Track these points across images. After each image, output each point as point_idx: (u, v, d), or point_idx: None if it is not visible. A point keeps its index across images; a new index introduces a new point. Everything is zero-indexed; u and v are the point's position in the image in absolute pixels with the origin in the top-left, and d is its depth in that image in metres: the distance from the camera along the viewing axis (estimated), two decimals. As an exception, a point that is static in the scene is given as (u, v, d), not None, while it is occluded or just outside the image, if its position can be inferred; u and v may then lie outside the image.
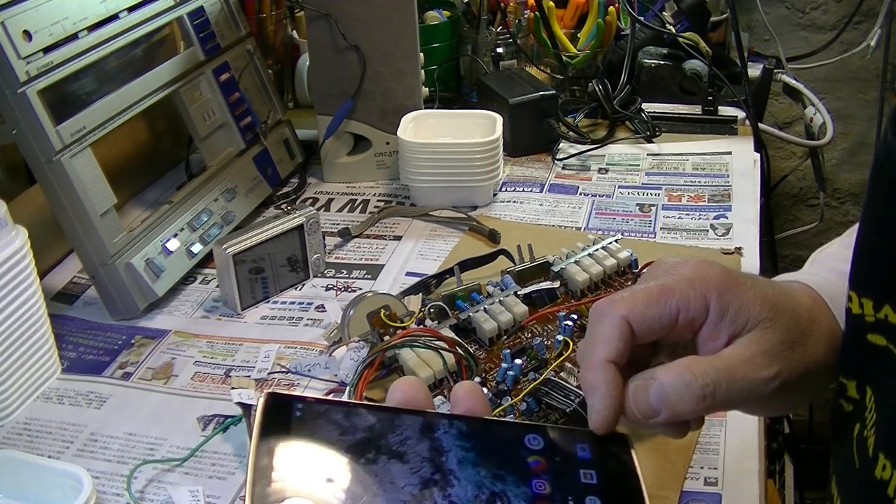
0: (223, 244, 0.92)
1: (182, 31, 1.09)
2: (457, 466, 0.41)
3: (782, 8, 1.99)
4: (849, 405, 0.47)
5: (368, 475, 0.40)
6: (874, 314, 0.43)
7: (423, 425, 0.42)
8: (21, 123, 0.86)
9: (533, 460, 0.42)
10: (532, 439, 0.43)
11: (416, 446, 0.41)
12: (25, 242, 0.80)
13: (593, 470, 0.42)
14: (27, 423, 0.81)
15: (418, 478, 0.40)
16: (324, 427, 0.41)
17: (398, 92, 1.17)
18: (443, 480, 0.40)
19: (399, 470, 0.40)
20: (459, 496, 0.39)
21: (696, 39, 1.36)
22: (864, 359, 0.45)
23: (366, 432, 0.41)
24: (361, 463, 0.40)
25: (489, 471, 0.41)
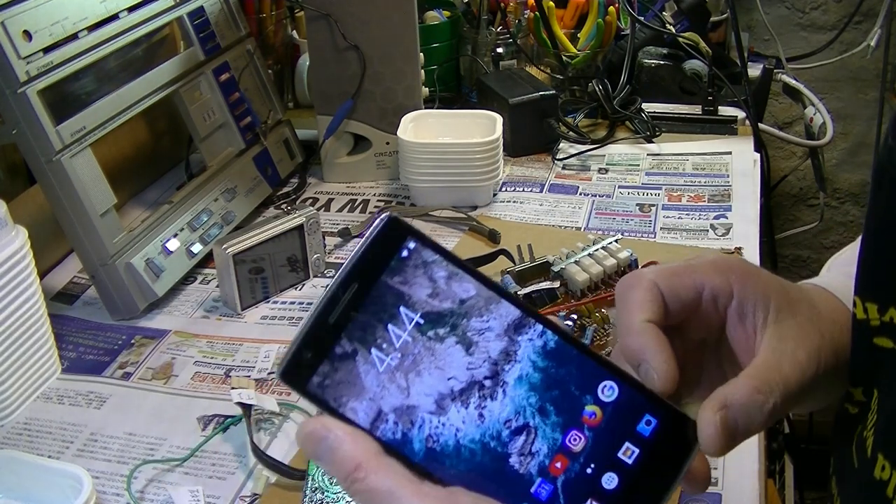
0: (223, 244, 0.92)
1: (182, 31, 1.09)
2: (513, 381, 0.39)
3: (782, 8, 1.99)
4: (854, 408, 0.47)
5: (426, 351, 0.39)
6: (879, 318, 0.43)
7: (514, 322, 0.40)
8: (21, 123, 0.86)
9: (590, 410, 0.39)
10: (608, 387, 0.40)
11: (490, 341, 0.39)
12: (25, 242, 0.80)
13: (639, 449, 0.39)
14: (27, 423, 0.81)
15: (469, 375, 0.39)
16: (419, 281, 0.39)
17: (398, 92, 1.17)
18: (489, 389, 0.39)
19: (457, 359, 0.39)
20: (493, 412, 0.38)
21: (696, 39, 1.36)
22: (871, 362, 0.44)
23: (454, 304, 0.40)
24: (429, 335, 0.39)
25: (540, 400, 0.39)
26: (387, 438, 0.38)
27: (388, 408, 0.38)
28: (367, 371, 0.38)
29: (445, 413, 0.38)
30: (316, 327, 0.39)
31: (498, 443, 0.38)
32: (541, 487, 0.38)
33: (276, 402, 0.79)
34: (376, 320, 0.39)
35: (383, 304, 0.39)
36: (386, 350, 0.39)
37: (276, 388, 0.84)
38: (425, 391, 0.38)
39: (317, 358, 0.38)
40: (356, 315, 0.39)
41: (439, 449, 0.38)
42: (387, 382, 0.38)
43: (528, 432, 0.38)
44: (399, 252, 0.40)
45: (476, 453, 0.38)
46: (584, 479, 0.38)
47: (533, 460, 0.38)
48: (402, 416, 0.38)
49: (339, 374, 0.38)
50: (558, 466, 0.38)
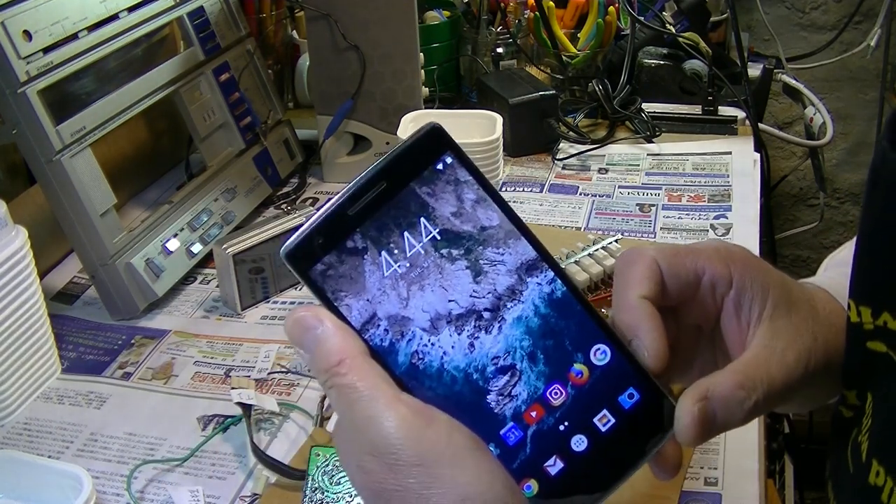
0: (223, 244, 0.92)
1: (182, 31, 1.09)
2: (511, 319, 0.39)
3: (782, 8, 1.99)
4: (849, 412, 0.47)
5: (434, 267, 0.38)
6: (873, 321, 0.43)
7: (528, 262, 0.39)
8: (21, 123, 0.86)
9: (578, 369, 0.39)
10: (601, 351, 0.40)
11: (500, 275, 0.39)
12: (25, 242, 0.80)
13: (615, 419, 0.39)
14: (27, 423, 0.81)
15: (470, 302, 0.38)
16: (447, 197, 0.39)
17: (398, 92, 1.17)
18: (486, 322, 0.38)
19: (463, 284, 0.38)
20: (483, 345, 0.38)
21: (696, 39, 1.36)
22: (864, 366, 0.44)
23: (475, 229, 0.39)
24: (441, 252, 0.39)
25: (533, 345, 0.39)
26: (374, 343, 0.38)
27: (382, 313, 0.38)
28: (371, 272, 0.38)
29: (438, 334, 0.38)
30: (333, 216, 0.38)
31: (481, 376, 0.38)
32: (510, 431, 0.38)
33: (276, 402, 0.79)
34: (394, 224, 0.38)
35: (405, 210, 0.39)
36: (396, 256, 0.38)
37: (276, 389, 0.84)
38: (423, 307, 0.38)
39: (326, 246, 0.38)
40: (376, 214, 0.38)
41: (422, 367, 0.38)
42: (388, 288, 0.38)
43: (512, 374, 0.38)
44: (434, 163, 0.39)
45: (457, 381, 0.38)
46: (555, 435, 0.38)
47: (510, 403, 0.38)
48: (394, 325, 0.38)
49: (343, 268, 0.38)
50: (533, 415, 0.38)
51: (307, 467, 0.69)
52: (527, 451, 0.38)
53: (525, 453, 0.37)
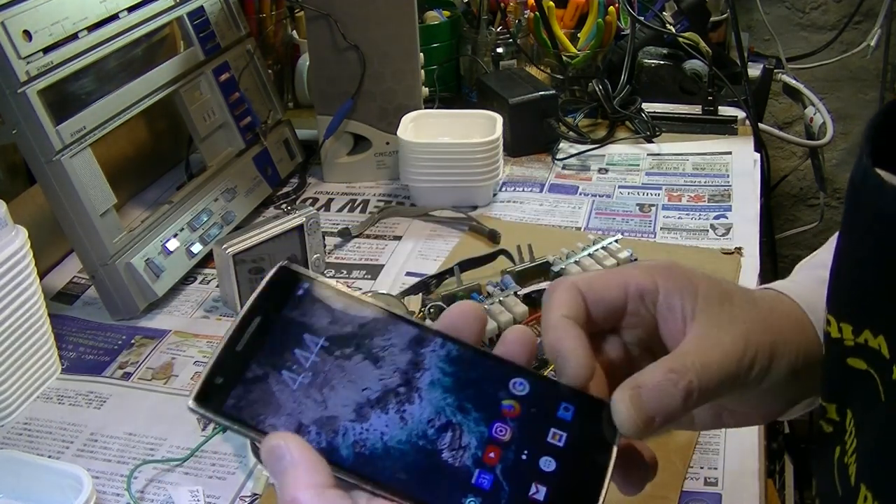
0: (223, 244, 0.92)
1: (182, 31, 1.09)
2: (426, 386, 0.40)
3: (782, 8, 1.99)
4: (829, 426, 0.46)
5: (336, 368, 0.40)
6: (854, 338, 0.42)
7: (414, 338, 0.41)
8: (21, 123, 0.86)
9: (508, 404, 0.40)
10: (518, 384, 0.41)
11: (396, 355, 0.41)
12: (25, 242, 0.80)
13: (566, 433, 0.40)
14: (27, 423, 0.81)
15: (382, 385, 0.39)
16: (318, 312, 0.41)
17: (398, 92, 1.17)
18: (405, 395, 0.39)
19: (367, 372, 0.40)
20: (413, 414, 0.39)
21: (696, 39, 1.36)
22: (844, 382, 0.44)
23: (354, 328, 0.41)
24: (335, 355, 0.40)
25: (457, 399, 0.40)
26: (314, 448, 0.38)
27: (308, 420, 0.39)
28: (281, 390, 0.39)
29: (367, 420, 0.39)
30: (225, 356, 0.40)
31: (426, 441, 0.39)
32: (481, 477, 0.38)
33: (276, 402, 0.79)
34: (283, 347, 0.40)
35: (287, 333, 0.41)
36: (296, 370, 0.40)
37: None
38: (342, 402, 0.39)
39: (227, 384, 0.39)
40: (262, 343, 0.40)
41: (368, 453, 0.38)
42: (302, 398, 0.39)
43: (452, 429, 0.39)
44: (295, 292, 0.42)
45: (407, 452, 0.38)
46: (522, 465, 0.39)
47: (466, 453, 0.39)
48: (323, 427, 0.38)
49: (252, 395, 0.39)
50: (492, 456, 0.39)
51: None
52: (505, 488, 0.38)
53: (505, 491, 0.38)
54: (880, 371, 0.41)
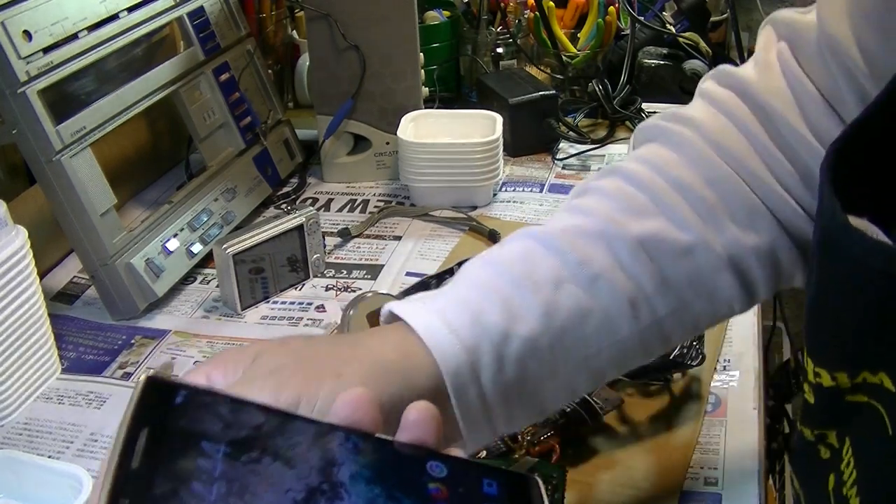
0: (223, 244, 0.92)
1: (182, 31, 1.09)
2: (348, 480, 0.36)
3: (782, 8, 1.99)
4: (826, 451, 0.46)
5: (249, 473, 0.35)
6: (851, 381, 0.42)
7: (316, 433, 0.38)
8: (21, 123, 0.86)
9: (434, 487, 0.38)
10: (434, 466, 0.38)
11: (306, 453, 0.37)
12: (25, 242, 0.80)
13: None
14: (27, 423, 0.81)
15: (304, 484, 0.36)
16: (206, 418, 0.36)
17: (398, 92, 1.17)
18: (331, 492, 0.36)
19: (285, 474, 0.36)
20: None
21: (696, 39, 1.36)
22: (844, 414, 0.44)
23: (252, 431, 0.37)
24: (242, 461, 0.35)
25: (384, 489, 0.37)
26: None
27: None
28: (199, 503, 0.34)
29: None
30: (121, 476, 0.33)
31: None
32: None
33: (276, 402, 0.79)
34: (183, 457, 0.35)
35: (183, 442, 0.35)
36: (207, 481, 0.34)
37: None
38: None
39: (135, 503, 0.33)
40: (159, 455, 0.34)
41: None
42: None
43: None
44: (173, 401, 0.37)
45: None
46: None
47: None
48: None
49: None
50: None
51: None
52: None
53: None
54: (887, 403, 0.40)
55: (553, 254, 0.53)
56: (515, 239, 0.56)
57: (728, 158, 0.56)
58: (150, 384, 0.36)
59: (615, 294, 0.52)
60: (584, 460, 0.72)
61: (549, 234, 0.55)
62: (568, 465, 0.68)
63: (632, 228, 0.54)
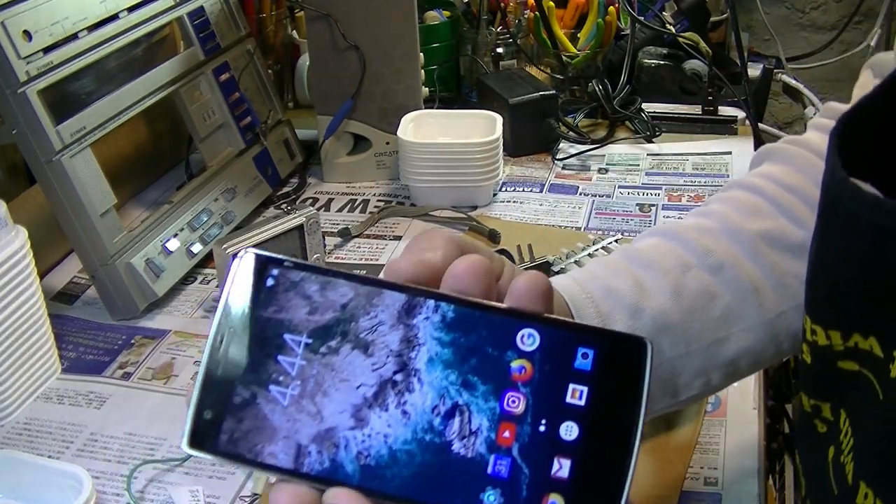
0: (223, 244, 0.92)
1: (182, 31, 1.09)
2: (425, 366, 0.36)
3: (782, 8, 1.99)
4: (823, 426, 0.46)
5: (324, 368, 0.36)
6: (843, 343, 0.43)
7: (403, 307, 0.37)
8: (21, 123, 0.86)
9: (518, 365, 0.36)
10: (527, 336, 0.36)
11: (386, 335, 0.37)
12: (25, 242, 0.80)
13: (586, 387, 0.35)
14: (27, 423, 0.81)
15: (377, 377, 0.36)
16: (293, 302, 0.37)
17: (398, 92, 1.17)
18: (403, 383, 0.36)
19: (359, 365, 0.36)
20: (416, 405, 0.36)
21: (696, 39, 1.36)
22: (837, 384, 0.44)
23: (337, 312, 0.37)
24: (321, 353, 0.37)
25: (461, 375, 0.36)
26: (316, 472, 0.36)
27: (306, 440, 0.36)
28: (272, 410, 0.36)
29: (367, 424, 0.36)
30: (206, 386, 0.37)
31: (433, 434, 0.35)
32: (497, 464, 0.35)
33: (276, 402, 0.79)
34: (264, 356, 0.37)
35: (266, 339, 0.37)
36: (284, 382, 0.37)
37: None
38: (338, 409, 0.36)
39: (217, 416, 0.36)
40: (242, 358, 0.37)
41: (374, 463, 0.35)
42: (296, 414, 0.36)
43: (460, 412, 0.35)
44: (264, 283, 0.38)
45: (414, 454, 0.35)
46: (540, 439, 0.35)
47: (478, 439, 0.35)
48: (323, 444, 0.36)
49: (245, 424, 0.36)
50: (507, 436, 0.35)
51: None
52: (525, 471, 0.35)
53: (525, 474, 0.34)
54: (876, 371, 0.41)
55: (678, 244, 0.56)
56: (640, 238, 0.59)
57: None
58: (246, 261, 0.38)
59: (739, 281, 0.55)
60: (584, 460, 0.72)
61: (673, 229, 0.58)
62: (568, 465, 0.68)
63: (751, 226, 0.57)
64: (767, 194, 0.59)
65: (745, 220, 0.58)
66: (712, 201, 0.62)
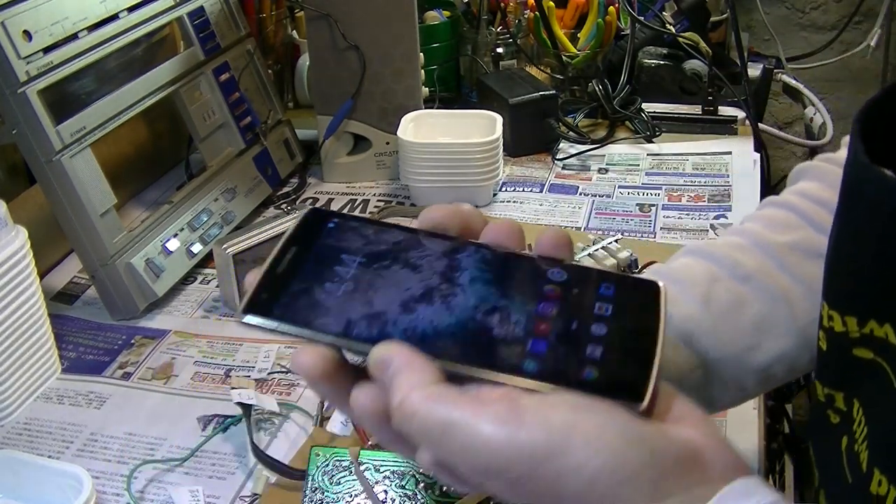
0: (223, 244, 0.92)
1: (182, 31, 1.09)
2: (467, 282, 0.41)
3: (782, 8, 1.99)
4: (836, 416, 0.47)
5: (376, 277, 0.41)
6: (859, 330, 0.43)
7: (449, 248, 0.43)
8: (21, 123, 0.86)
9: (549, 288, 0.41)
10: (557, 272, 0.42)
11: (433, 262, 0.42)
12: (25, 242, 0.80)
13: (610, 304, 0.40)
14: (27, 423, 0.81)
15: (423, 285, 0.41)
16: (352, 238, 0.43)
17: (398, 92, 1.17)
18: (446, 290, 0.40)
19: (408, 277, 0.41)
20: (458, 304, 0.40)
21: (696, 39, 1.36)
22: (851, 372, 0.44)
23: (390, 246, 0.43)
24: (374, 267, 0.42)
25: (499, 289, 0.41)
26: (364, 337, 0.39)
27: (356, 317, 0.40)
28: (326, 297, 0.40)
29: (414, 311, 0.40)
30: (268, 276, 0.42)
31: (475, 322, 0.39)
32: (534, 344, 0.39)
33: (276, 402, 0.79)
34: (322, 265, 0.42)
35: (326, 256, 0.42)
36: (338, 283, 0.41)
37: (276, 389, 0.84)
38: (387, 303, 0.40)
39: (275, 295, 0.41)
40: (302, 264, 0.42)
41: (417, 339, 0.39)
42: (347, 302, 0.40)
43: (500, 310, 0.40)
44: (325, 227, 0.44)
45: (457, 334, 0.39)
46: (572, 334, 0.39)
47: (516, 327, 0.39)
48: (373, 321, 0.39)
49: (300, 303, 0.40)
50: (542, 328, 0.39)
51: (307, 467, 0.69)
52: (559, 352, 0.39)
53: (560, 353, 0.39)
54: (891, 359, 0.41)
55: (708, 260, 0.57)
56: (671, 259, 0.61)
57: None
58: (309, 214, 0.44)
59: (769, 290, 0.55)
60: (584, 460, 0.71)
61: (702, 247, 0.59)
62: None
63: (781, 238, 0.58)
64: (798, 209, 0.60)
65: (775, 233, 0.58)
66: (745, 220, 0.63)
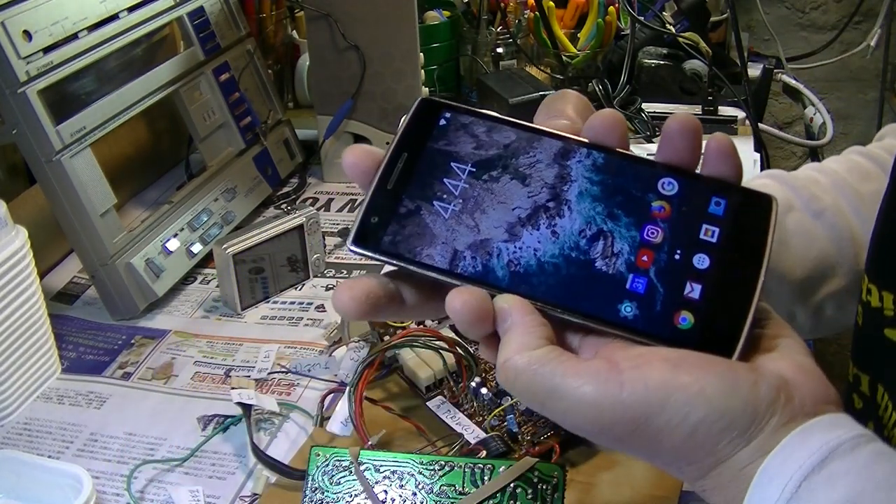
0: (223, 244, 0.92)
1: (182, 31, 1.09)
2: (575, 198, 0.41)
3: (782, 8, 1.99)
4: (860, 402, 0.47)
5: (484, 192, 0.41)
6: (894, 308, 0.43)
7: (559, 150, 0.42)
8: (21, 123, 0.86)
9: (658, 205, 0.41)
10: (667, 183, 0.41)
11: (543, 171, 0.42)
12: (25, 242, 0.80)
13: (718, 227, 0.40)
14: (27, 423, 0.81)
15: (532, 202, 0.41)
16: (462, 139, 0.43)
17: (398, 92, 1.17)
18: (555, 209, 0.41)
19: (516, 191, 0.41)
20: (564, 227, 0.40)
21: (696, 39, 1.36)
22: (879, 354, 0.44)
23: (500, 149, 0.43)
24: (483, 179, 0.42)
25: (606, 207, 0.40)
26: (468, 273, 0.40)
27: (462, 246, 0.40)
28: (433, 221, 0.41)
29: (519, 239, 0.40)
30: (377, 194, 0.42)
31: (578, 252, 0.40)
32: (635, 282, 0.39)
33: (276, 402, 0.79)
34: (431, 178, 0.42)
35: (435, 164, 0.42)
36: (447, 199, 0.41)
37: (276, 389, 0.84)
38: (494, 224, 0.41)
39: (383, 220, 0.41)
40: (412, 177, 0.42)
41: (523, 271, 0.39)
42: (455, 226, 0.41)
43: (604, 237, 0.40)
44: (437, 122, 0.44)
45: (560, 266, 0.39)
46: (676, 265, 0.39)
47: (618, 260, 0.39)
48: (478, 251, 0.40)
49: (407, 230, 0.41)
50: (645, 260, 0.39)
51: (307, 467, 0.69)
52: (660, 290, 0.39)
53: (660, 293, 0.39)
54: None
55: (787, 188, 0.57)
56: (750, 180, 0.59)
57: None
58: (422, 104, 0.44)
59: (839, 229, 0.55)
60: (584, 460, 0.72)
61: (786, 175, 0.59)
62: (568, 465, 0.68)
63: (860, 187, 0.58)
64: (881, 161, 0.60)
65: (854, 180, 0.59)
66: (828, 160, 0.62)
